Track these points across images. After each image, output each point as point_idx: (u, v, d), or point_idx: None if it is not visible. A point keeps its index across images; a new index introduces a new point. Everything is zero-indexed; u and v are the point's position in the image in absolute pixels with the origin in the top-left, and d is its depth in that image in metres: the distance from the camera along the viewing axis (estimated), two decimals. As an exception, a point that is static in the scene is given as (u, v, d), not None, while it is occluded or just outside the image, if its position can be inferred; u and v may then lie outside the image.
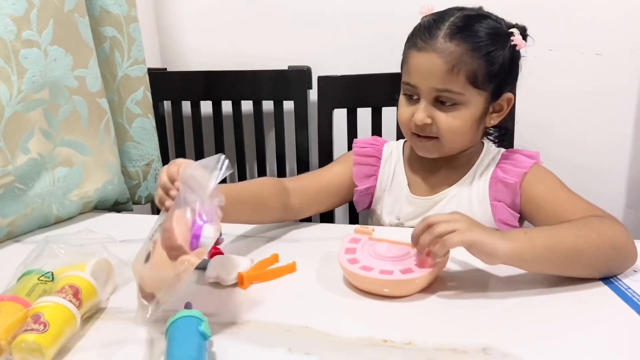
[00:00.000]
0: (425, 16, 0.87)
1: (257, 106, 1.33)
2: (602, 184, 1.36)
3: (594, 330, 0.60)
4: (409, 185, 0.93)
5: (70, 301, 0.59)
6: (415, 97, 0.85)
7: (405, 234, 0.71)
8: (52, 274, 0.65)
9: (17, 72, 0.85)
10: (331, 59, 1.36)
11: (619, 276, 0.70)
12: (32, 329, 0.54)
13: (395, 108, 1.14)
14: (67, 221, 0.98)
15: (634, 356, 0.56)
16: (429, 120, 0.83)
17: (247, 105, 1.34)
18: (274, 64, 1.31)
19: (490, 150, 0.92)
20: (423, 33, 0.82)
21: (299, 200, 0.91)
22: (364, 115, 1.22)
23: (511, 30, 0.84)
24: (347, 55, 1.36)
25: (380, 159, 0.96)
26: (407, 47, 0.86)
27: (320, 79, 1.21)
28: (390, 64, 1.00)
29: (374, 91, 1.19)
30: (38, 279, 0.64)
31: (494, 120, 0.88)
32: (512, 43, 0.83)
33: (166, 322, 0.56)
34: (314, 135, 1.27)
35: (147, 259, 0.62)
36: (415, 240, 0.67)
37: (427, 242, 0.64)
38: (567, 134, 1.35)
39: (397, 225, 0.93)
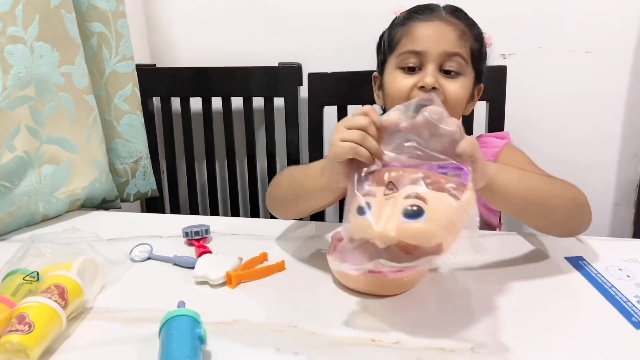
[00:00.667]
0: (401, 12, 0.90)
1: (248, 103, 1.32)
2: (590, 181, 1.35)
3: (580, 326, 0.60)
4: None
5: (55, 301, 0.58)
6: (417, 67, 0.84)
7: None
8: (38, 274, 0.65)
9: (2, 69, 0.83)
10: (322, 56, 1.35)
11: (593, 264, 0.73)
12: (17, 330, 0.54)
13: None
14: (53, 219, 0.97)
15: (606, 341, 0.57)
16: (437, 86, 0.81)
17: (237, 102, 1.33)
18: (265, 60, 1.31)
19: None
20: (422, 10, 0.86)
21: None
22: (355, 112, 1.22)
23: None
24: (337, 52, 1.35)
25: None
26: (401, 25, 0.87)
27: (310, 75, 1.21)
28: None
29: (364, 88, 1.18)
30: (23, 279, 0.63)
31: (469, 107, 0.89)
32: (485, 36, 0.88)
33: (154, 322, 0.56)
34: (304, 132, 1.27)
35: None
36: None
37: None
38: (556, 131, 1.35)
39: None
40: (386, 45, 0.92)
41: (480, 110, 1.18)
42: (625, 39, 1.26)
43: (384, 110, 0.96)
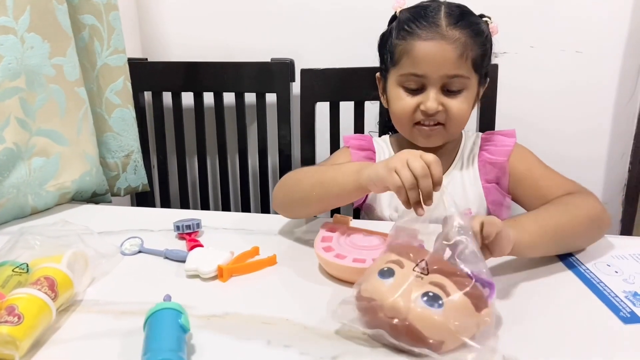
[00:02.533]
0: (401, 10, 0.89)
1: (240, 98, 1.31)
2: (579, 179, 1.36)
3: (569, 321, 0.61)
4: None
5: (45, 293, 0.58)
6: (418, 88, 0.85)
7: (383, 225, 0.71)
8: (27, 266, 0.64)
9: (-8, 59, 0.83)
10: (314, 52, 1.35)
11: (582, 260, 0.74)
12: (6, 321, 0.53)
13: (378, 103, 1.14)
14: (43, 212, 0.96)
15: (595, 335, 0.58)
16: (440, 108, 0.84)
17: (229, 97, 1.32)
18: (257, 56, 1.30)
19: (469, 135, 0.95)
20: (422, 23, 0.83)
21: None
22: (347, 108, 1.22)
23: (485, 19, 0.88)
24: (330, 49, 1.35)
25: (374, 152, 0.97)
26: (402, 39, 0.85)
27: (303, 71, 1.20)
28: (374, 58, 1.00)
29: (356, 85, 1.18)
30: (13, 271, 0.63)
31: (475, 105, 0.91)
32: (490, 28, 0.88)
33: (144, 315, 0.56)
34: (296, 128, 1.27)
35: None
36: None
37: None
38: (545, 130, 1.36)
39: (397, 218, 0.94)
40: (387, 56, 0.91)
41: (472, 108, 1.18)
42: (614, 39, 1.27)
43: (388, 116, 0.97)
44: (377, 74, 0.97)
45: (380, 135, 1.06)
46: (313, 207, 0.81)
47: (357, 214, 1.07)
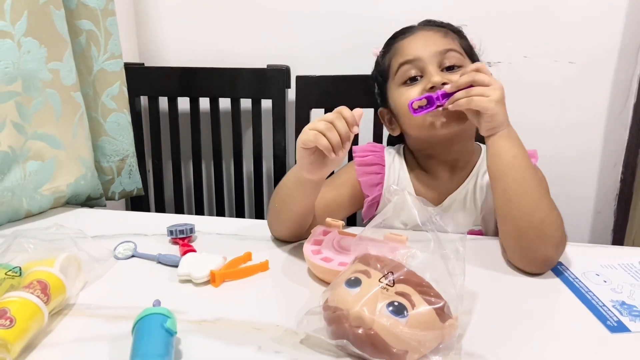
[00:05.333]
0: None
1: (235, 104, 1.32)
2: (572, 188, 1.39)
3: (556, 329, 0.61)
4: (415, 192, 0.92)
5: (38, 297, 0.58)
6: (418, 76, 0.86)
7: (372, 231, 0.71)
8: (20, 269, 0.64)
9: (-11, 63, 0.83)
10: (310, 59, 1.36)
11: (572, 270, 0.74)
12: (-2, 324, 0.53)
13: (372, 110, 1.15)
14: (37, 216, 0.96)
15: (582, 344, 0.58)
16: (446, 80, 0.81)
17: (224, 103, 1.33)
18: (253, 62, 1.31)
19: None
20: (400, 33, 0.92)
21: (316, 218, 0.85)
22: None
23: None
24: (326, 56, 1.36)
25: (383, 166, 0.94)
26: (387, 53, 0.93)
27: (298, 78, 1.21)
28: (369, 66, 1.01)
29: (352, 92, 1.19)
30: (5, 274, 0.63)
31: None
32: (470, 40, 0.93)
33: (133, 320, 0.56)
34: (291, 135, 1.28)
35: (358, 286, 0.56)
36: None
37: (463, 83, 0.76)
38: (538, 140, 1.35)
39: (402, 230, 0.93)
40: (380, 79, 0.94)
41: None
42: (607, 51, 1.28)
43: (402, 137, 0.96)
44: (380, 110, 0.98)
45: (374, 141, 1.06)
46: (284, 219, 0.81)
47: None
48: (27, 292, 0.58)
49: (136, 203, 1.36)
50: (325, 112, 1.24)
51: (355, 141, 1.16)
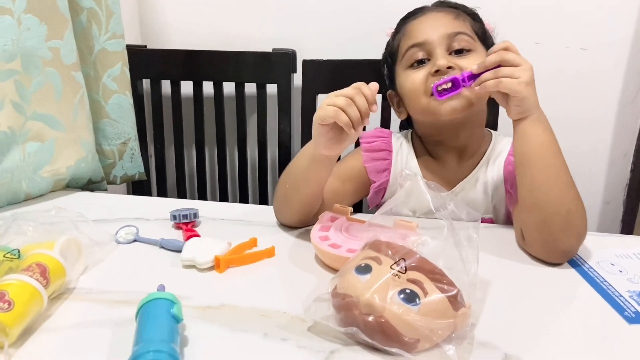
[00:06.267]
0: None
1: (240, 88, 1.30)
2: (581, 178, 1.35)
3: (573, 320, 0.60)
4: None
5: (37, 280, 0.57)
6: (425, 59, 0.83)
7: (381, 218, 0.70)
8: (19, 251, 0.63)
9: (-13, 40, 0.81)
10: (316, 43, 1.33)
11: (586, 259, 0.72)
12: (-4, 308, 0.52)
13: (381, 95, 1.12)
14: (37, 198, 0.95)
15: (599, 335, 0.57)
16: (452, 64, 0.79)
17: (229, 87, 1.31)
18: (258, 45, 1.28)
19: (499, 139, 0.92)
20: (411, 13, 0.89)
21: (323, 204, 0.84)
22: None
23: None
24: (332, 40, 1.33)
25: (391, 152, 0.92)
26: (397, 33, 0.91)
27: (305, 62, 1.19)
28: (377, 50, 0.99)
29: (359, 77, 1.14)
30: (4, 256, 0.62)
31: None
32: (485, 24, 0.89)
33: (137, 304, 0.54)
34: (297, 120, 1.25)
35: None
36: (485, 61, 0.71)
37: (491, 63, 0.71)
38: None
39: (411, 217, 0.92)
40: (389, 60, 0.92)
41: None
42: (620, 37, 1.25)
43: (409, 122, 0.95)
44: (389, 92, 0.96)
45: (381, 126, 1.05)
46: (296, 202, 0.79)
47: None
48: (26, 275, 0.57)
49: (138, 188, 1.34)
50: (332, 97, 1.21)
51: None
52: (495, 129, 1.16)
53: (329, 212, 0.77)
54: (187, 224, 0.80)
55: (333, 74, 1.18)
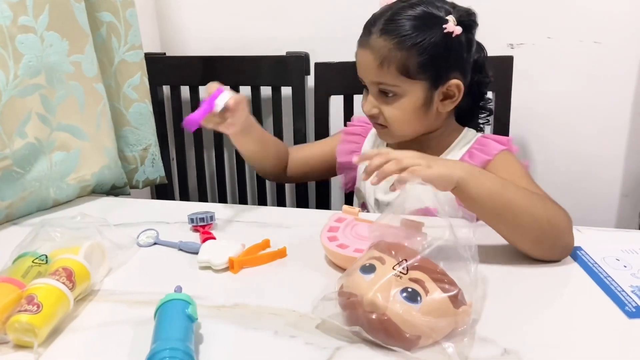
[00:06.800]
0: (381, 7, 0.90)
1: (255, 92, 1.33)
2: (598, 172, 1.36)
3: (573, 314, 0.61)
4: None
5: (63, 283, 0.60)
6: (367, 89, 0.90)
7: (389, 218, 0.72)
8: (47, 257, 0.67)
9: (13, 57, 0.85)
10: (329, 46, 1.35)
11: (591, 254, 0.73)
12: (26, 310, 0.56)
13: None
14: (64, 204, 0.99)
15: (599, 329, 0.58)
16: (375, 111, 0.88)
17: (245, 91, 1.34)
18: (273, 49, 1.31)
19: (467, 135, 0.94)
20: (365, 30, 0.88)
21: (292, 168, 1.05)
22: (361, 101, 1.22)
23: (446, 17, 0.83)
24: (345, 42, 1.34)
25: (365, 137, 1.02)
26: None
27: (317, 65, 1.21)
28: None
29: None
30: (33, 261, 0.65)
31: (447, 106, 0.88)
32: (445, 31, 0.82)
33: (156, 305, 0.58)
34: (311, 121, 1.28)
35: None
36: (373, 168, 0.69)
37: (392, 171, 0.67)
38: (564, 122, 1.35)
39: (375, 200, 0.96)
40: None
41: (486, 100, 1.18)
42: (633, 30, 1.24)
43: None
44: None
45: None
46: (254, 166, 1.06)
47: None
48: (53, 279, 0.61)
49: (161, 192, 1.39)
50: (345, 99, 1.24)
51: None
52: (507, 122, 1.17)
53: (338, 213, 0.79)
54: (204, 227, 0.84)
55: (345, 76, 1.20)
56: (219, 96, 0.84)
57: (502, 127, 1.16)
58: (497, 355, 0.54)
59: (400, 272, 0.56)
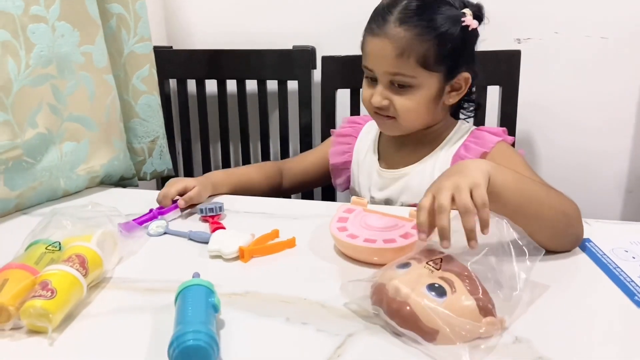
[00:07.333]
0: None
1: (262, 86, 1.33)
2: (603, 167, 1.36)
3: (581, 304, 0.61)
4: (379, 159, 0.98)
5: (77, 269, 0.61)
6: (375, 79, 0.87)
7: (400, 209, 0.72)
8: (60, 244, 0.67)
9: (25, 47, 0.86)
10: (335, 39, 1.35)
11: (600, 246, 0.73)
12: (40, 295, 0.56)
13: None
14: (74, 195, 1.00)
15: (608, 319, 0.58)
16: (385, 102, 0.86)
17: (251, 85, 1.35)
18: (279, 43, 1.32)
19: (462, 128, 0.94)
20: (377, 18, 0.85)
21: (288, 182, 1.06)
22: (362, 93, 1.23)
23: (463, 11, 0.83)
24: (351, 36, 1.34)
25: (356, 137, 1.02)
26: (364, 32, 0.89)
27: (324, 59, 1.22)
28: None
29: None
30: (46, 248, 0.66)
31: (453, 98, 0.89)
32: (463, 24, 0.82)
33: (169, 292, 0.58)
34: (317, 115, 1.28)
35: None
36: (444, 232, 0.60)
37: (472, 221, 0.59)
38: (569, 118, 1.35)
39: (371, 198, 0.97)
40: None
41: (493, 95, 1.18)
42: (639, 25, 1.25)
43: None
44: None
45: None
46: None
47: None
48: (67, 265, 0.61)
49: (167, 184, 1.39)
50: (351, 92, 1.24)
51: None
52: (514, 116, 1.17)
53: (347, 204, 0.80)
54: (213, 217, 0.84)
55: (351, 69, 1.20)
56: (171, 212, 0.87)
57: (509, 121, 1.17)
58: (509, 344, 0.54)
59: (433, 266, 0.56)
